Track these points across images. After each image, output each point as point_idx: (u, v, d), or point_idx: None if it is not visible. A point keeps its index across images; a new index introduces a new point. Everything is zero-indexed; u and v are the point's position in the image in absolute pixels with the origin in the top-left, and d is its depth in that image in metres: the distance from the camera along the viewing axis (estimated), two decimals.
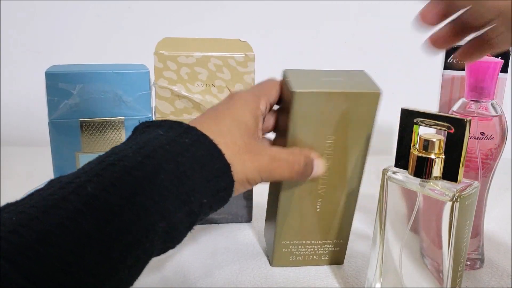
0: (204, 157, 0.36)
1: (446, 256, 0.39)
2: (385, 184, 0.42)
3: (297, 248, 0.51)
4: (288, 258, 0.51)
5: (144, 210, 0.32)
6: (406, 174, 0.40)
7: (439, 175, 0.39)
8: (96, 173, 0.32)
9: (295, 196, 0.48)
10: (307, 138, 0.45)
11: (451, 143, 0.38)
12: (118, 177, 0.32)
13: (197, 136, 0.37)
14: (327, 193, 0.48)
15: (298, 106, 0.43)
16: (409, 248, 0.42)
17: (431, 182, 0.39)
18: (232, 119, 0.40)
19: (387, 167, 0.42)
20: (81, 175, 0.32)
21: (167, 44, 0.55)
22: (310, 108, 0.43)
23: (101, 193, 0.31)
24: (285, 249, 0.51)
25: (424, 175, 0.39)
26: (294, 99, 0.43)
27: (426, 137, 0.39)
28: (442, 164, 0.38)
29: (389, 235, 0.43)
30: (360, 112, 0.45)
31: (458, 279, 0.40)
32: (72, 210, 0.30)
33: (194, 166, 0.36)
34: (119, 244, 0.31)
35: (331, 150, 0.46)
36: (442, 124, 0.38)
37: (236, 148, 0.39)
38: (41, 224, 0.29)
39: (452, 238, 0.38)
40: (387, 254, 0.43)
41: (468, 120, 0.37)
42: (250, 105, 0.42)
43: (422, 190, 0.39)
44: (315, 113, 0.44)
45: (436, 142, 0.38)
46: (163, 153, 0.35)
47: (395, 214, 0.42)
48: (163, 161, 0.34)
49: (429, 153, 0.38)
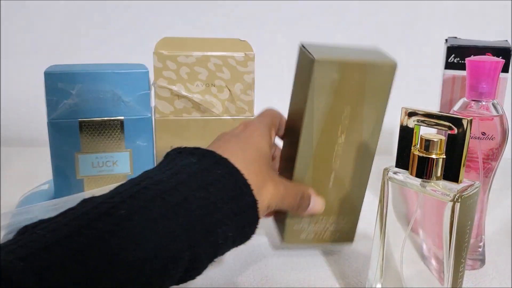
0: (234, 190, 0.37)
1: (447, 256, 0.39)
2: (385, 184, 0.42)
3: (309, 225, 0.50)
4: (299, 235, 0.51)
5: (174, 236, 0.33)
6: (407, 174, 0.40)
7: (440, 175, 0.38)
8: (130, 195, 0.33)
9: (308, 172, 0.48)
10: (324, 108, 0.45)
11: (452, 143, 0.38)
12: (151, 201, 0.33)
13: (228, 168, 0.38)
14: (341, 167, 0.48)
15: (317, 74, 0.43)
16: (410, 248, 0.42)
17: (432, 183, 0.39)
18: (255, 148, 0.42)
19: (387, 167, 0.42)
20: (115, 195, 0.33)
21: (166, 44, 0.54)
22: (328, 77, 0.44)
23: (133, 216, 0.32)
24: (296, 226, 0.50)
25: (425, 175, 0.39)
26: (314, 67, 0.43)
27: (427, 137, 0.38)
28: (443, 164, 0.38)
29: (390, 235, 0.42)
30: (376, 84, 0.45)
31: (459, 279, 0.40)
32: (104, 231, 0.30)
33: (224, 197, 0.36)
34: (146, 269, 0.31)
35: (346, 121, 0.46)
36: (443, 124, 0.38)
37: (261, 177, 0.40)
38: (73, 243, 0.29)
39: (453, 239, 0.38)
40: (388, 255, 0.43)
41: (469, 120, 0.37)
42: (266, 135, 0.45)
43: (423, 190, 0.39)
44: (333, 83, 0.44)
45: (437, 142, 0.38)
46: (195, 181, 0.36)
47: (396, 214, 0.42)
48: (195, 189, 0.35)
49: (430, 153, 0.38)
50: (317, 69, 0.43)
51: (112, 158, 0.56)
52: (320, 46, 0.47)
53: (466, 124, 0.37)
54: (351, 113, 0.46)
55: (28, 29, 0.90)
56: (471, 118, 0.37)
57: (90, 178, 0.56)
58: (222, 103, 0.56)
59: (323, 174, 0.48)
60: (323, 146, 0.47)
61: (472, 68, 0.47)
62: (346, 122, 0.46)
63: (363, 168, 0.49)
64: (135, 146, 0.56)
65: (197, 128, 0.56)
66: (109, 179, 0.56)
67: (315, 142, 0.47)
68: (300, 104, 0.46)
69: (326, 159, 0.48)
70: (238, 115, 0.57)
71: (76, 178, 0.55)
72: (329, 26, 0.91)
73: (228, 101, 0.56)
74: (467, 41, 0.55)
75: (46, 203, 0.51)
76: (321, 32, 0.91)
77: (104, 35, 0.91)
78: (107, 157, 0.56)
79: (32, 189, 0.61)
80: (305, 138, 0.46)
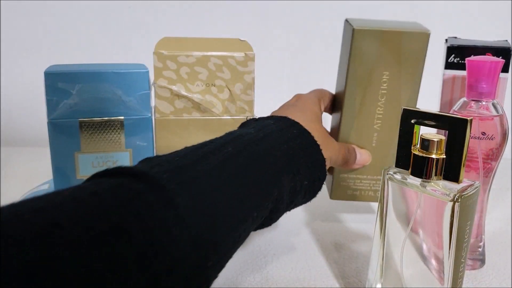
0: (307, 147, 0.44)
1: (447, 256, 0.39)
2: (385, 184, 0.42)
3: (354, 182, 0.56)
4: (346, 191, 0.56)
5: (268, 174, 0.40)
6: (407, 174, 0.40)
7: (440, 175, 0.38)
8: (231, 139, 0.40)
9: (353, 129, 0.54)
10: (364, 73, 0.51)
11: (452, 143, 0.38)
12: (248, 144, 0.40)
13: (302, 129, 0.45)
14: (382, 128, 0.53)
15: (357, 43, 0.50)
16: (410, 248, 0.42)
17: (432, 182, 0.39)
18: (311, 112, 0.50)
19: (387, 167, 0.42)
20: (217, 140, 0.40)
21: (166, 44, 0.54)
22: (367, 43, 0.50)
23: (240, 152, 0.39)
24: (343, 182, 0.56)
25: (425, 175, 0.39)
26: (354, 35, 0.50)
27: (426, 137, 0.38)
28: (443, 164, 0.38)
29: (389, 235, 0.42)
30: (412, 50, 0.50)
31: (459, 279, 0.40)
32: (220, 161, 0.37)
33: (300, 152, 0.43)
34: (251, 199, 0.38)
35: (386, 85, 0.51)
36: (443, 124, 0.38)
37: (321, 135, 0.48)
38: (204, 165, 0.36)
39: (453, 239, 0.38)
40: (388, 255, 0.43)
41: (469, 119, 0.37)
42: (317, 103, 0.53)
43: (423, 190, 0.39)
44: (372, 50, 0.50)
45: (437, 142, 0.38)
46: (278, 136, 0.43)
47: (396, 214, 0.42)
48: (279, 142, 0.42)
49: (430, 153, 0.38)
50: (356, 36, 0.50)
51: (112, 158, 0.56)
52: (362, 20, 0.53)
53: (466, 124, 0.37)
54: (390, 78, 0.51)
55: (28, 29, 0.90)
56: (471, 118, 0.37)
57: None
58: (222, 103, 0.56)
59: (366, 134, 0.54)
60: (365, 108, 0.53)
61: (472, 68, 0.47)
62: (386, 86, 0.52)
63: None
64: (135, 146, 0.56)
65: (197, 128, 0.56)
66: None
67: (358, 104, 0.52)
68: (344, 72, 0.52)
69: (368, 120, 0.53)
70: (238, 115, 0.57)
71: (76, 178, 0.55)
72: (329, 26, 0.91)
73: (228, 101, 0.56)
74: (467, 41, 0.55)
75: None
76: (321, 32, 0.91)
77: (104, 35, 0.91)
78: (107, 157, 0.56)
79: (32, 189, 0.61)
80: (348, 100, 0.52)
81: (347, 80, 0.52)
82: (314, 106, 0.52)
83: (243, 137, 0.41)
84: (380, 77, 0.51)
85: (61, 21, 0.90)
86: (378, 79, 0.51)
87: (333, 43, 0.92)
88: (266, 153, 0.40)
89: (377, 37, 0.50)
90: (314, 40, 0.92)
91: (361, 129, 0.54)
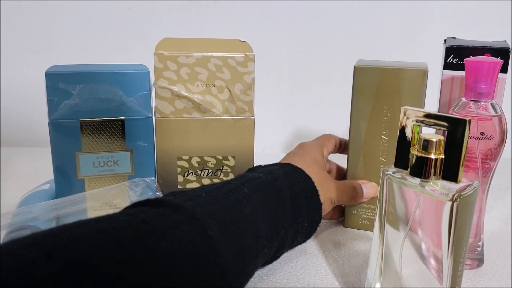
0: (308, 192, 0.48)
1: (446, 256, 0.39)
2: (384, 184, 0.42)
3: (365, 211, 0.59)
4: (358, 220, 0.59)
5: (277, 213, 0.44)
6: (405, 174, 0.40)
7: (438, 175, 0.39)
8: (246, 180, 0.44)
9: (360, 162, 0.57)
10: (366, 108, 0.55)
11: (451, 143, 0.38)
12: (261, 186, 0.44)
13: (304, 175, 0.50)
14: (388, 159, 0.56)
15: (358, 79, 0.55)
16: (409, 248, 0.42)
17: (431, 182, 0.39)
18: (310, 157, 0.54)
19: (386, 167, 0.42)
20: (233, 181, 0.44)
21: (167, 44, 0.55)
22: (367, 81, 0.54)
23: (254, 193, 0.43)
24: (354, 211, 0.59)
25: (423, 175, 0.39)
26: (355, 73, 0.55)
27: (425, 137, 0.38)
28: (442, 164, 0.38)
29: (388, 235, 0.43)
30: (410, 87, 0.53)
31: (458, 278, 0.40)
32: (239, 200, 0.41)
33: (302, 196, 0.47)
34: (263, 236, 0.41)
35: (388, 119, 0.55)
36: (441, 124, 0.38)
37: (319, 176, 0.51)
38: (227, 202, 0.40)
39: (451, 238, 0.38)
40: (387, 254, 0.43)
41: (468, 120, 0.37)
42: (318, 149, 0.57)
43: (422, 190, 0.39)
44: (372, 86, 0.54)
45: (436, 142, 0.38)
46: (284, 180, 0.47)
47: (395, 214, 0.42)
48: (285, 185, 0.46)
49: (429, 153, 0.38)
50: (357, 73, 0.54)
51: (113, 158, 0.56)
52: (370, 60, 0.57)
53: (465, 124, 0.37)
54: (391, 112, 0.54)
55: (29, 30, 0.91)
56: (470, 118, 0.37)
57: (91, 178, 0.56)
58: (222, 104, 0.56)
59: (373, 165, 0.57)
60: (370, 140, 0.56)
61: (470, 68, 0.47)
62: (388, 120, 0.55)
63: None
64: (135, 146, 0.56)
65: (197, 128, 0.57)
66: (110, 179, 0.57)
67: (363, 138, 0.56)
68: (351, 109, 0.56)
69: (374, 152, 0.56)
70: (238, 115, 0.57)
71: (77, 178, 0.56)
72: (329, 26, 0.91)
73: (228, 101, 0.56)
74: (466, 41, 0.55)
75: (47, 203, 0.51)
76: (322, 32, 0.91)
77: (105, 36, 0.91)
78: (108, 157, 0.56)
79: (33, 189, 0.61)
80: (353, 132, 0.56)
81: (351, 114, 0.56)
82: (315, 151, 0.56)
83: (255, 180, 0.45)
84: (381, 111, 0.55)
85: (62, 21, 0.90)
86: (380, 113, 0.55)
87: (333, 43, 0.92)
88: (275, 195, 0.45)
89: (376, 74, 0.54)
90: (314, 40, 0.92)
91: (368, 161, 0.57)
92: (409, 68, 0.53)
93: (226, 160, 0.58)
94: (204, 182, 0.58)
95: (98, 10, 0.90)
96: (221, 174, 0.59)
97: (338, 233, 0.59)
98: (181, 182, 0.58)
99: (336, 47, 0.92)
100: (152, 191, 0.53)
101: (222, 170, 0.58)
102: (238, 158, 0.58)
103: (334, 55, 0.92)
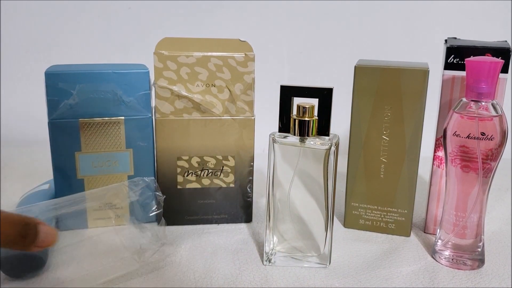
0: None
1: (326, 192, 0.49)
2: (272, 147, 0.49)
3: (365, 211, 0.58)
4: (358, 221, 0.59)
5: None
6: (289, 135, 0.49)
7: (315, 132, 0.48)
8: None
9: (360, 160, 0.57)
10: (367, 108, 0.55)
11: (321, 108, 0.48)
12: None
13: None
14: (389, 160, 0.56)
15: (358, 79, 0.54)
16: (295, 197, 0.50)
17: (310, 138, 0.48)
18: None
19: (272, 132, 0.49)
20: None
21: (167, 44, 0.55)
22: (368, 81, 0.54)
23: None
24: (355, 211, 0.59)
25: (304, 134, 0.48)
26: (355, 73, 0.54)
27: (302, 105, 0.48)
28: (316, 124, 0.48)
29: (277, 192, 0.50)
30: (411, 87, 0.53)
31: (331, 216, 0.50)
32: None
33: None
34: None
35: (388, 119, 0.54)
36: (313, 94, 0.48)
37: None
38: None
39: (330, 180, 0.48)
40: (277, 212, 0.51)
41: (331, 88, 0.47)
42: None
43: (303, 145, 0.48)
44: (372, 86, 0.54)
45: (309, 108, 0.48)
46: None
47: (282, 173, 0.50)
48: None
49: (305, 117, 0.48)
50: (357, 73, 0.54)
51: (112, 158, 0.56)
52: (370, 60, 0.57)
53: (331, 92, 0.48)
54: (392, 112, 0.54)
55: (28, 29, 0.91)
56: (332, 87, 0.47)
57: (90, 177, 0.56)
58: (222, 103, 0.56)
59: (374, 166, 0.56)
60: (370, 140, 0.56)
61: (471, 68, 0.47)
62: (388, 120, 0.54)
63: (409, 162, 0.55)
64: (135, 146, 0.56)
65: (197, 128, 0.57)
66: (110, 179, 0.57)
67: (363, 138, 0.56)
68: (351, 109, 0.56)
69: (375, 152, 0.56)
70: (238, 115, 0.57)
71: (76, 178, 0.56)
72: (329, 26, 0.91)
73: (228, 101, 0.56)
74: (466, 41, 0.55)
75: (46, 202, 0.51)
76: (321, 32, 0.91)
77: (104, 36, 0.91)
78: (108, 157, 0.56)
79: (33, 188, 0.61)
80: (354, 132, 0.56)
81: (351, 114, 0.56)
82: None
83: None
84: (382, 111, 0.54)
85: (62, 21, 0.90)
86: (381, 113, 0.54)
87: (333, 43, 0.92)
88: None
89: (377, 74, 0.53)
90: (314, 40, 0.92)
91: (368, 161, 0.57)
92: (409, 68, 0.53)
93: (226, 160, 0.58)
94: (204, 182, 0.58)
95: (98, 10, 0.90)
96: (221, 174, 0.58)
97: (338, 233, 0.59)
98: (181, 182, 0.58)
99: (336, 47, 0.92)
100: (152, 191, 0.53)
101: (222, 170, 0.58)
102: (238, 158, 0.58)
103: (334, 55, 0.91)
